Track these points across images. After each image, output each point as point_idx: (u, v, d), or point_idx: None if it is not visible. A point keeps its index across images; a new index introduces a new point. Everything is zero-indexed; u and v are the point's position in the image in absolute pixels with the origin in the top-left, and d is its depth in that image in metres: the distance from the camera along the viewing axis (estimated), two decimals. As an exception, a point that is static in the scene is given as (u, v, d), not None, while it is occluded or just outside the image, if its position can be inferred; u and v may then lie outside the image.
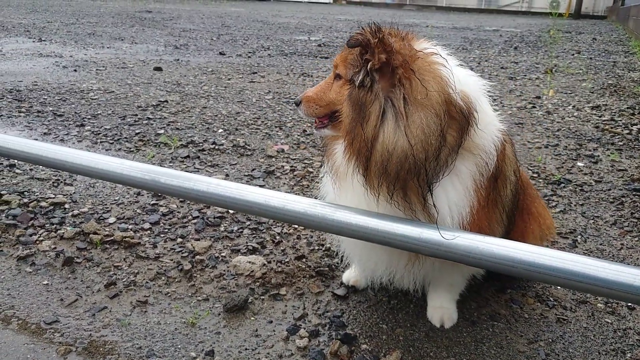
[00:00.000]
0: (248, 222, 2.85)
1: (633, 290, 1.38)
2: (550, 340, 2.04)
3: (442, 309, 2.10)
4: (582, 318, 2.18)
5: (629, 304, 2.25)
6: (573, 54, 10.78)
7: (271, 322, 2.09)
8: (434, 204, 1.67)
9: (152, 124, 4.59)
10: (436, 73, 1.61)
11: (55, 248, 2.53)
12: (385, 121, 1.57)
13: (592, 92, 6.76)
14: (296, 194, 3.26)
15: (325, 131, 1.85)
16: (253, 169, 3.66)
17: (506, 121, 5.11)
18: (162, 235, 2.70)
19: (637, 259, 2.64)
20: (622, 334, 2.08)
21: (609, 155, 4.22)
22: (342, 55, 1.74)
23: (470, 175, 1.72)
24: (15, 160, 3.46)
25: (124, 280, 2.31)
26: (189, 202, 3.02)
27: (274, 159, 3.88)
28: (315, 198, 3.07)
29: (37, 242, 2.58)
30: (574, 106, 5.95)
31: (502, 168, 1.83)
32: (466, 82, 1.69)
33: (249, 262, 2.44)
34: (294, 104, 1.86)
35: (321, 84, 1.84)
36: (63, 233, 2.65)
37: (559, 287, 2.35)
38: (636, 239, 2.84)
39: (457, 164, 1.68)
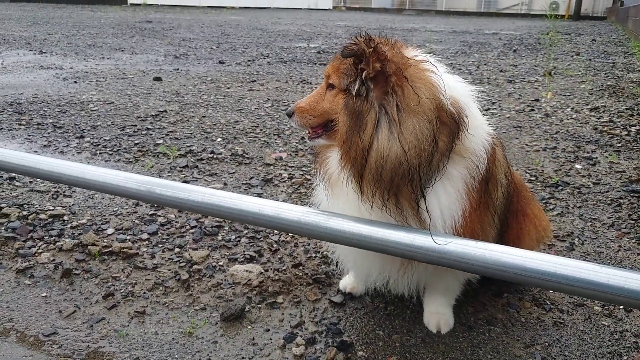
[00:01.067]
0: (245, 231, 2.87)
1: (624, 292, 1.38)
2: (546, 343, 2.04)
3: (438, 314, 2.10)
4: (579, 321, 2.18)
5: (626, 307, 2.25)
6: (572, 56, 10.79)
7: (268, 330, 2.09)
8: (426, 209, 1.68)
9: (151, 134, 4.61)
10: (427, 80, 1.63)
11: (54, 260, 2.54)
12: (380, 129, 1.59)
13: (591, 94, 6.77)
14: (294, 201, 3.28)
15: (320, 141, 1.86)
16: (251, 177, 3.67)
17: (504, 124, 5.14)
18: (160, 245, 2.72)
19: (635, 260, 2.64)
20: (619, 337, 2.08)
21: (607, 157, 4.22)
22: (334, 65, 1.76)
23: (462, 178, 1.74)
24: (15, 174, 3.48)
25: (122, 291, 2.33)
26: (186, 212, 3.04)
27: (272, 167, 3.89)
28: (310, 206, 3.09)
29: (36, 254, 2.59)
30: (572, 108, 5.95)
31: (493, 171, 1.84)
32: (455, 88, 1.72)
33: (246, 270, 2.45)
34: (285, 115, 1.86)
35: (313, 94, 1.85)
36: (62, 245, 2.66)
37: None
38: (633, 240, 2.84)
39: (449, 168, 1.70)
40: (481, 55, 10.71)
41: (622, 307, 2.25)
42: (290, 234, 2.82)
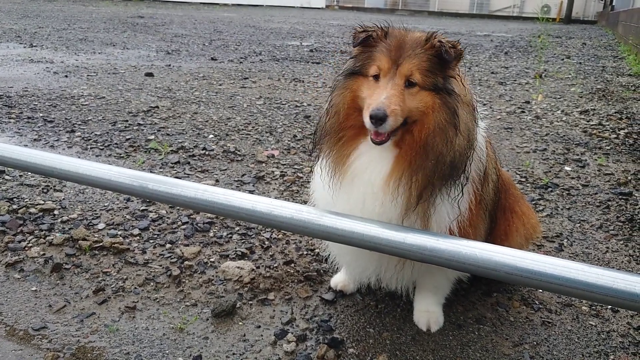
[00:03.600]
0: (237, 228, 2.87)
1: (611, 292, 1.40)
2: (535, 343, 2.06)
3: (428, 313, 2.12)
4: (567, 321, 2.21)
5: (613, 307, 2.28)
6: (563, 59, 10.88)
7: (259, 327, 2.10)
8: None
9: (142, 130, 4.59)
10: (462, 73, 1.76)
11: (44, 254, 2.53)
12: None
13: (581, 97, 6.83)
14: (286, 199, 3.28)
15: (388, 141, 1.70)
16: (243, 175, 3.67)
17: (495, 126, 5.17)
18: (151, 241, 2.71)
19: (622, 262, 2.67)
20: (606, 336, 2.11)
21: (596, 160, 4.26)
22: (415, 63, 1.68)
23: (473, 171, 1.79)
24: (4, 167, 3.46)
25: (112, 286, 2.32)
26: (178, 207, 3.03)
27: (264, 165, 3.89)
28: (305, 202, 3.09)
29: (26, 248, 2.58)
30: (562, 111, 6.00)
31: (486, 166, 1.87)
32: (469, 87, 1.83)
33: (238, 267, 2.45)
34: (374, 120, 1.59)
35: (394, 94, 1.65)
36: (52, 239, 2.65)
37: (544, 291, 2.38)
38: (621, 242, 2.88)
39: None
40: (473, 57, 10.76)
41: (609, 307, 2.28)
42: (282, 231, 2.82)
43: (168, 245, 2.67)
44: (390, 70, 1.68)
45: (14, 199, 3.09)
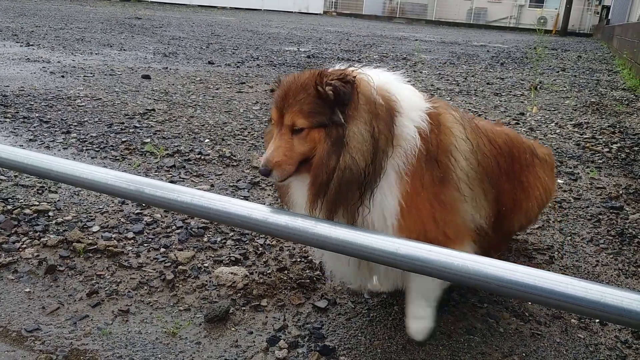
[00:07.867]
0: (231, 233, 2.88)
1: (599, 306, 1.43)
2: (524, 354, 2.09)
3: (418, 319, 2.12)
4: (556, 333, 2.23)
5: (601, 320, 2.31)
6: (558, 71, 10.97)
7: (251, 333, 2.11)
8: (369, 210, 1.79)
9: (138, 133, 4.60)
10: (362, 84, 1.76)
11: (38, 256, 2.54)
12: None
13: (575, 110, 6.89)
14: (280, 206, 3.29)
15: (290, 179, 1.84)
16: (238, 180, 3.69)
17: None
18: (145, 244, 2.72)
19: (611, 275, 2.70)
20: (594, 349, 2.14)
21: (588, 173, 4.31)
22: (295, 110, 1.76)
23: (392, 168, 1.79)
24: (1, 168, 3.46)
25: (106, 289, 2.33)
26: (173, 212, 3.04)
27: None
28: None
29: (20, 249, 2.58)
30: (556, 123, 6.06)
31: (441, 142, 1.87)
32: (384, 80, 1.83)
33: (231, 273, 2.47)
34: (261, 175, 1.79)
35: (281, 145, 1.78)
36: (46, 241, 2.65)
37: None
38: (611, 256, 2.92)
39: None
40: (469, 67, 10.83)
41: (597, 320, 2.31)
42: (276, 238, 2.84)
43: (162, 250, 2.68)
44: (278, 122, 1.80)
45: (9, 200, 3.09)
